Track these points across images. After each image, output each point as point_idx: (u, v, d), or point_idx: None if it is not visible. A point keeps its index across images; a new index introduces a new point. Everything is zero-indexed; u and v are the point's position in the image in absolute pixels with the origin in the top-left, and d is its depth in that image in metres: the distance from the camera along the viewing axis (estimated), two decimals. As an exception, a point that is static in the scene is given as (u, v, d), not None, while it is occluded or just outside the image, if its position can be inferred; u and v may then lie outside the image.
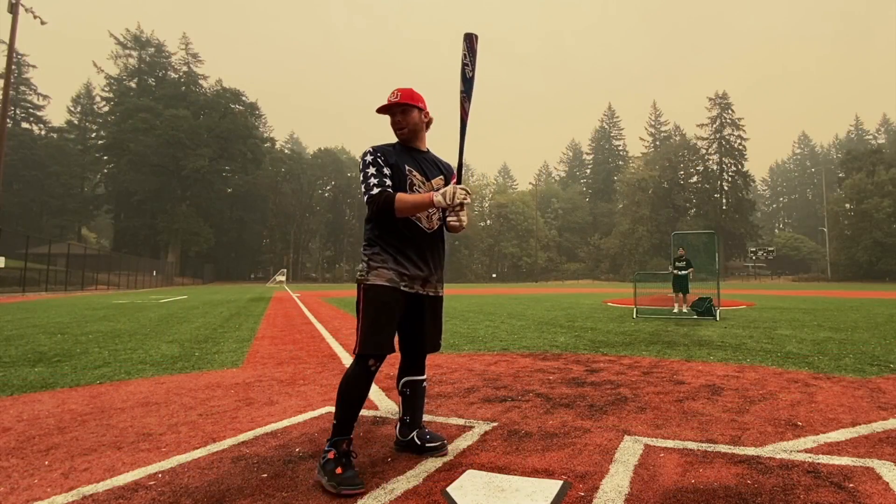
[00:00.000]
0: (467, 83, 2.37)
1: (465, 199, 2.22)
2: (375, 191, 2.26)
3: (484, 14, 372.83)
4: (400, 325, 2.37)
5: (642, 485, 2.04)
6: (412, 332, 2.43)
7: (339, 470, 2.05)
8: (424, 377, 2.54)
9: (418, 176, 2.41)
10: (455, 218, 2.27)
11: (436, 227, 2.46)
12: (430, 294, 2.44)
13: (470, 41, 2.34)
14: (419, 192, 2.38)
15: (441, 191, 2.26)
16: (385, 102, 2.42)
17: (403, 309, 2.33)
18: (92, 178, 68.41)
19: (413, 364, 2.51)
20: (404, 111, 2.42)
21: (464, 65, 2.36)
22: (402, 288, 2.30)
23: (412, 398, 2.49)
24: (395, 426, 2.57)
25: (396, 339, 2.39)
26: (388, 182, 2.30)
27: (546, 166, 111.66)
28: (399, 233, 2.34)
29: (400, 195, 2.26)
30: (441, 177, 2.52)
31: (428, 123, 2.52)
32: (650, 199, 70.28)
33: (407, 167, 2.38)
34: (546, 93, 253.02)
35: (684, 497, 1.93)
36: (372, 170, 2.31)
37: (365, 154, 2.37)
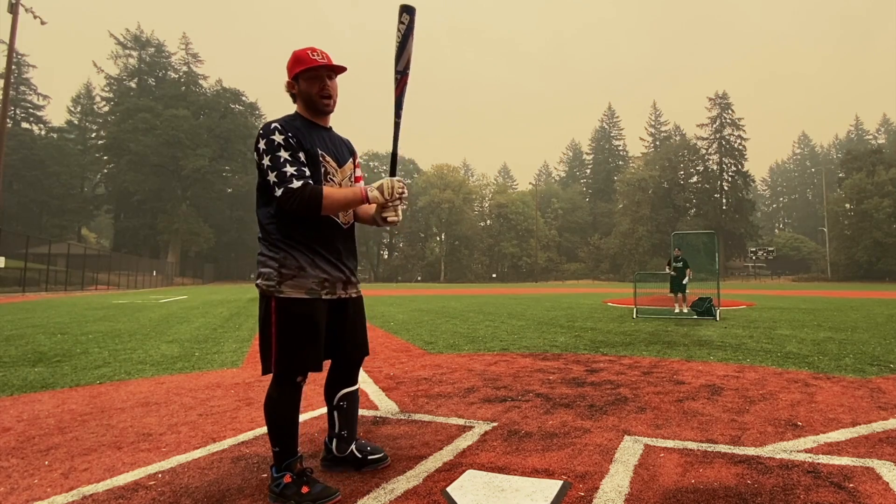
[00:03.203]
0: (403, 59, 2.03)
1: (403, 191, 1.99)
2: (296, 184, 1.86)
3: (485, 13, 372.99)
4: (326, 334, 2.11)
5: (642, 485, 2.04)
6: (340, 340, 2.14)
7: (305, 489, 1.89)
8: (358, 386, 2.29)
9: (331, 162, 2.05)
10: (393, 213, 2.01)
11: (351, 222, 2.17)
12: (353, 296, 2.18)
13: (410, 14, 1.99)
14: (333, 181, 2.05)
15: (376, 185, 1.97)
16: (304, 60, 1.98)
17: (326, 319, 2.06)
18: (92, 178, 68.37)
19: (347, 374, 2.23)
20: (332, 75, 2.03)
21: (405, 37, 2.01)
22: (323, 297, 2.02)
23: (349, 410, 2.22)
24: (327, 443, 2.26)
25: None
26: (307, 172, 1.92)
27: (546, 166, 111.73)
28: (314, 231, 2.00)
29: (328, 191, 1.90)
30: (351, 160, 2.17)
31: None
32: (650, 199, 70.23)
33: (321, 152, 2.01)
34: (546, 92, 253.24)
35: (684, 497, 1.93)
36: (285, 154, 1.89)
37: (270, 131, 1.91)
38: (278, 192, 1.87)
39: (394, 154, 2.06)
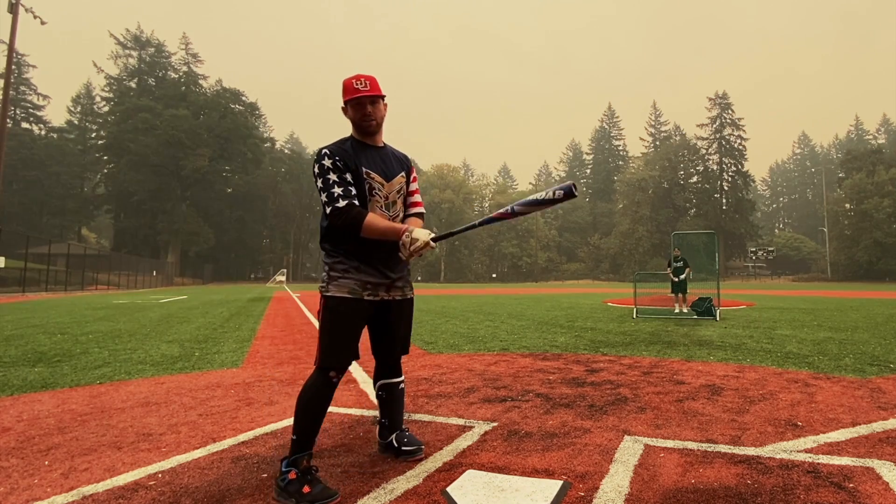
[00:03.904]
0: (526, 209, 2.13)
1: (424, 251, 2.11)
2: (342, 203, 2.10)
3: (485, 13, 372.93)
4: (369, 331, 2.35)
5: (642, 485, 2.04)
6: (381, 337, 2.37)
7: (306, 489, 1.94)
8: (401, 379, 2.49)
9: (377, 178, 2.26)
10: (408, 253, 2.11)
11: None
12: (398, 298, 2.35)
13: (569, 194, 2.03)
14: (378, 195, 2.26)
15: (414, 233, 2.09)
16: (349, 90, 2.19)
17: (368, 318, 2.27)
18: (92, 178, 68.40)
19: (386, 367, 2.45)
20: (374, 102, 2.24)
21: (544, 201, 2.08)
22: (365, 297, 2.22)
23: (389, 401, 2.45)
24: (375, 428, 2.52)
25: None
26: (354, 192, 2.16)
27: (546, 166, 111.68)
28: (361, 239, 2.18)
29: (371, 218, 2.11)
30: (402, 173, 2.36)
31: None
32: (650, 199, 70.27)
33: (365, 169, 2.23)
34: (546, 92, 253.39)
35: (684, 497, 1.93)
36: (333, 176, 2.14)
37: (321, 156, 2.19)
38: (328, 210, 2.13)
39: (451, 233, 2.23)
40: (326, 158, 2.16)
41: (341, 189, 2.13)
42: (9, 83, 24.41)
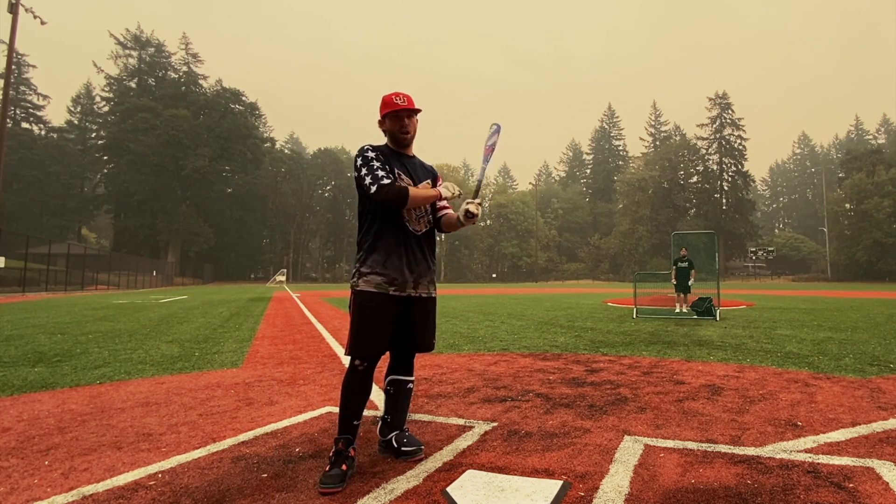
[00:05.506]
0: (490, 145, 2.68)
1: (459, 194, 2.47)
2: (387, 181, 2.31)
3: (485, 13, 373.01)
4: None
5: (642, 485, 2.04)
6: (401, 333, 2.45)
7: (327, 467, 2.13)
8: (411, 379, 2.55)
9: (406, 179, 2.47)
10: (474, 206, 2.40)
11: (424, 230, 2.52)
12: (422, 295, 2.47)
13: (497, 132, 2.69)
14: None
15: (444, 184, 2.47)
16: (389, 104, 2.46)
17: (394, 312, 2.36)
18: (92, 178, 68.36)
19: (400, 363, 2.53)
20: (410, 115, 2.49)
21: (492, 135, 2.69)
22: (390, 292, 2.35)
23: (395, 397, 2.51)
24: (377, 425, 2.58)
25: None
26: (394, 176, 2.38)
27: (546, 166, 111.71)
28: (388, 237, 2.39)
29: (413, 188, 2.37)
30: (428, 181, 2.59)
31: None
32: (650, 199, 70.21)
33: (397, 170, 2.45)
34: (546, 93, 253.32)
35: (684, 497, 1.93)
36: (377, 164, 2.37)
37: (364, 151, 2.42)
38: (373, 189, 2.29)
39: (479, 183, 2.49)
40: (370, 151, 2.41)
41: (384, 172, 2.35)
42: (9, 83, 24.41)
